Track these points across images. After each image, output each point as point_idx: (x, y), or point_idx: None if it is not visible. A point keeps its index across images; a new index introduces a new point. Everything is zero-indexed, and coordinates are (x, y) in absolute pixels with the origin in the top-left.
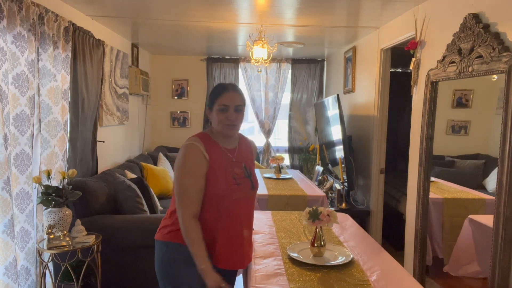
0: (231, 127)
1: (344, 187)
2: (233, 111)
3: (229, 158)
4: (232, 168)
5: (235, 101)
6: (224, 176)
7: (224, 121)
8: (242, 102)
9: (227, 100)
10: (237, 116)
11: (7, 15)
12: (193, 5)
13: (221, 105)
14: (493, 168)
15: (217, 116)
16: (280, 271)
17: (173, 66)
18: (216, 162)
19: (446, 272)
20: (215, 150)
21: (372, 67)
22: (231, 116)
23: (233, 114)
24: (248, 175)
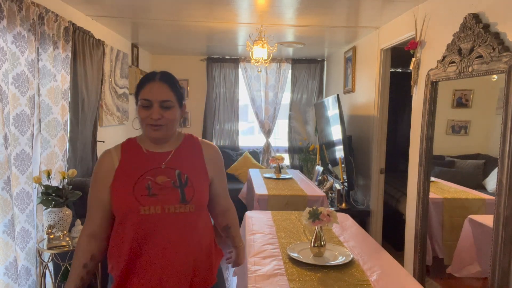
0: (155, 128)
1: (344, 187)
2: (157, 107)
3: (152, 164)
4: (152, 175)
5: (160, 96)
6: (130, 185)
7: (146, 120)
8: (171, 97)
9: (150, 93)
10: (163, 114)
11: (7, 15)
12: (193, 5)
13: (143, 100)
14: (493, 168)
15: (139, 114)
16: (280, 271)
17: (173, 66)
18: (125, 168)
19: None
20: (133, 155)
21: (372, 67)
22: (154, 114)
23: (158, 112)
24: (180, 184)
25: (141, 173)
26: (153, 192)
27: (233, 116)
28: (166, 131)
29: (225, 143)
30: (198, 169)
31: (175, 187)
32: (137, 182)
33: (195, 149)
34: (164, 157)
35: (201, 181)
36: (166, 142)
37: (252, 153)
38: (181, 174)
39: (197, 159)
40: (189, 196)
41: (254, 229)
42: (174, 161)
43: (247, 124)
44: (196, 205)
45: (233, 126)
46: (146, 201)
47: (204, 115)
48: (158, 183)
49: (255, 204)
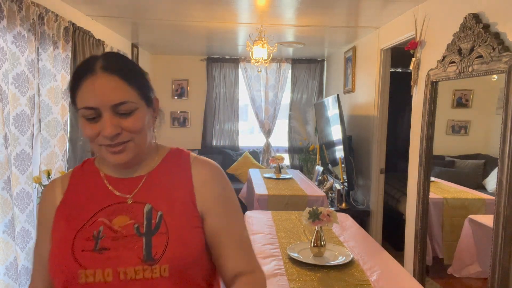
0: (114, 149)
1: (344, 187)
2: (110, 116)
3: (112, 197)
4: (108, 216)
5: (110, 96)
6: (69, 234)
7: (97, 140)
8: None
9: (92, 96)
10: (122, 125)
11: (7, 15)
12: (193, 5)
13: (84, 109)
14: (493, 168)
15: (83, 130)
16: (280, 271)
17: (173, 66)
18: (69, 207)
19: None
20: (85, 185)
21: (372, 67)
22: (107, 128)
23: (112, 123)
24: (148, 231)
25: (90, 214)
26: (101, 245)
27: (233, 116)
28: (135, 149)
29: (225, 143)
30: (180, 202)
31: (138, 235)
32: (81, 229)
33: (180, 171)
34: (132, 186)
35: (184, 224)
36: (138, 164)
37: (252, 153)
38: (152, 212)
39: (182, 185)
40: (158, 249)
41: (254, 229)
42: (145, 191)
43: (247, 124)
44: (171, 266)
45: (233, 126)
46: (89, 261)
47: (204, 115)
48: (114, 229)
49: (255, 204)
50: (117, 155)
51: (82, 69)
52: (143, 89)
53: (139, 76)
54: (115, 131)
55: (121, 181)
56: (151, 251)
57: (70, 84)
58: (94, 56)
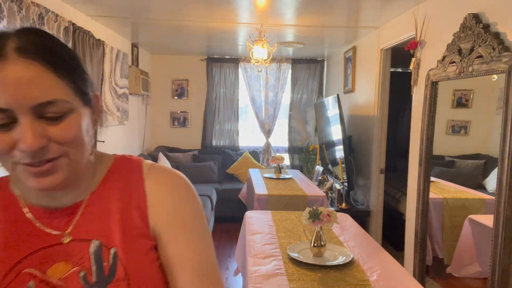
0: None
1: (344, 187)
2: (30, 122)
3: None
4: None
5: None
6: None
7: (14, 156)
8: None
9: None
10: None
11: (7, 15)
12: (193, 5)
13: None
14: (493, 168)
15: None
16: (280, 271)
17: (173, 66)
18: None
19: (446, 272)
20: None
21: (372, 67)
22: (25, 139)
23: (33, 132)
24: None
25: (10, 264)
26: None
27: (233, 116)
28: (69, 168)
29: (225, 143)
30: (134, 229)
31: (88, 287)
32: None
33: (131, 186)
34: (67, 217)
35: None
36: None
37: (252, 153)
38: (101, 250)
39: (133, 204)
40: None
41: (254, 229)
42: (87, 223)
43: (247, 124)
44: None
45: (233, 126)
46: None
47: (204, 115)
48: (51, 282)
49: (255, 204)
50: (43, 178)
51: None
52: (79, 82)
53: (73, 63)
54: (39, 143)
55: (52, 213)
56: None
57: None
58: (3, 32)
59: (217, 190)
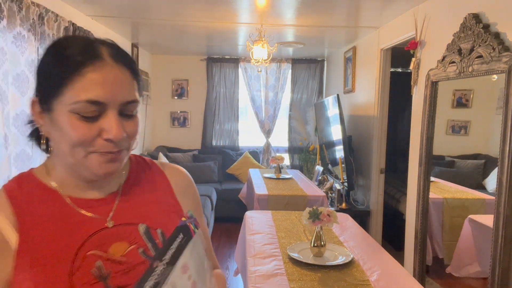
0: (112, 157)
1: (344, 187)
2: (116, 117)
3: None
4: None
5: (123, 92)
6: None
7: (95, 144)
8: (136, 91)
9: (102, 88)
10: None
11: (7, 15)
12: (193, 5)
13: (82, 102)
14: (493, 168)
15: (70, 129)
16: (280, 271)
17: (173, 66)
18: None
19: (446, 271)
20: (47, 214)
21: (372, 67)
22: (115, 130)
23: (119, 125)
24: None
25: (75, 247)
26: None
27: (233, 116)
28: (124, 160)
29: (225, 143)
30: (170, 214)
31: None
32: (73, 269)
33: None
34: (106, 205)
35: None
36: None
37: (252, 153)
38: (148, 231)
39: (163, 195)
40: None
41: (254, 229)
42: (127, 209)
43: (247, 124)
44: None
45: (233, 126)
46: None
47: (204, 115)
48: (116, 259)
49: (255, 204)
50: (110, 164)
51: (82, 52)
52: (141, 88)
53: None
54: (122, 134)
55: (91, 202)
56: None
57: (60, 69)
58: (99, 39)
59: (217, 190)
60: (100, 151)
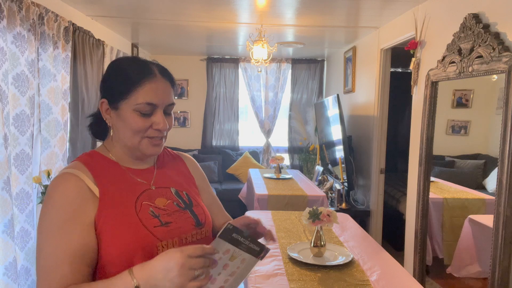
0: (158, 142)
1: (344, 187)
2: (162, 114)
3: (140, 185)
4: (149, 199)
5: (167, 98)
6: (131, 215)
7: (147, 132)
8: (173, 97)
9: (155, 95)
10: (169, 123)
11: (7, 15)
12: (193, 5)
13: (142, 104)
14: (493, 168)
15: (133, 122)
16: (280, 271)
17: (173, 66)
18: (112, 194)
19: (447, 272)
20: (113, 177)
21: (372, 67)
22: (162, 123)
23: (164, 119)
24: (186, 205)
25: (134, 198)
26: (164, 220)
27: (233, 116)
28: (163, 144)
29: (225, 143)
30: (189, 184)
31: (182, 209)
32: (137, 211)
33: (177, 162)
34: (147, 175)
35: (199, 198)
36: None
37: (252, 153)
38: (179, 192)
39: (184, 171)
40: (202, 217)
41: None
42: (162, 179)
43: (247, 124)
44: (209, 228)
45: (233, 126)
46: (162, 234)
47: (204, 115)
48: (161, 208)
49: (255, 204)
50: (157, 147)
51: (141, 70)
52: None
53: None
54: (166, 126)
55: (137, 172)
56: (198, 218)
57: (128, 77)
58: (147, 61)
59: (217, 190)
60: (151, 137)
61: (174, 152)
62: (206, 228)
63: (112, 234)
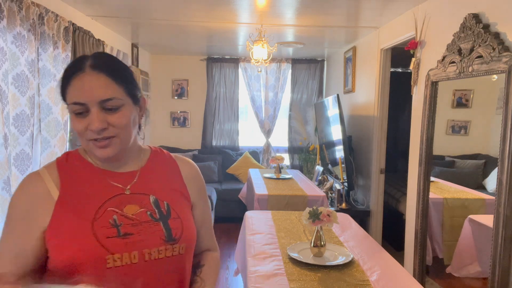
0: (101, 144)
1: (344, 187)
2: (98, 112)
3: (113, 189)
4: (117, 205)
5: (98, 93)
6: (85, 221)
7: (85, 134)
8: (116, 91)
9: (81, 92)
10: (109, 121)
11: (7, 15)
12: (193, 5)
13: (73, 105)
14: (493, 168)
15: (73, 125)
16: (280, 271)
17: (173, 66)
18: (72, 197)
19: (447, 272)
20: (80, 176)
21: (372, 67)
22: (95, 123)
23: (99, 118)
24: (161, 216)
25: (99, 203)
26: (124, 230)
27: (233, 116)
28: (120, 144)
29: (225, 143)
30: (178, 193)
31: (154, 220)
32: (95, 218)
33: (169, 167)
34: (127, 179)
35: (186, 210)
36: (125, 160)
37: (252, 153)
38: (158, 201)
39: (175, 179)
40: (177, 231)
41: (254, 229)
42: (143, 184)
43: (247, 124)
44: (187, 245)
45: (233, 126)
46: (115, 246)
47: (204, 115)
48: (128, 216)
49: (255, 204)
50: (103, 149)
51: (72, 67)
52: (129, 87)
53: (126, 75)
54: (102, 126)
55: (116, 174)
56: (171, 233)
57: (60, 82)
58: (84, 56)
59: (217, 190)
60: (92, 139)
61: (173, 155)
62: (181, 244)
63: (59, 242)
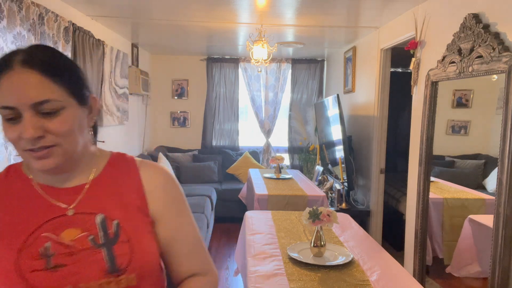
0: (38, 155)
1: (344, 187)
2: (31, 117)
3: (53, 209)
4: (53, 230)
5: (30, 95)
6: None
7: (19, 144)
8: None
9: (9, 94)
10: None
11: (7, 15)
12: (193, 5)
13: (1, 109)
14: (493, 168)
15: (4, 133)
16: (280, 271)
17: (173, 66)
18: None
19: (447, 272)
20: (15, 196)
21: (372, 67)
22: (27, 130)
23: (33, 125)
24: (108, 240)
25: (29, 230)
26: (55, 262)
27: (233, 116)
28: (64, 154)
29: (225, 143)
30: (134, 208)
31: (96, 246)
32: (23, 249)
33: (128, 176)
34: (72, 195)
35: (141, 229)
36: (72, 172)
37: (252, 153)
38: (106, 221)
39: (132, 190)
40: (123, 259)
41: (254, 229)
42: (91, 200)
43: (247, 124)
44: (138, 274)
45: (233, 126)
46: (42, 281)
47: (204, 115)
48: (64, 243)
49: (255, 204)
50: (42, 160)
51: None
52: (73, 86)
53: (67, 71)
54: (36, 134)
55: (60, 191)
56: (115, 261)
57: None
58: (15, 50)
59: (217, 190)
60: (25, 149)
61: (138, 161)
62: (129, 275)
63: None
